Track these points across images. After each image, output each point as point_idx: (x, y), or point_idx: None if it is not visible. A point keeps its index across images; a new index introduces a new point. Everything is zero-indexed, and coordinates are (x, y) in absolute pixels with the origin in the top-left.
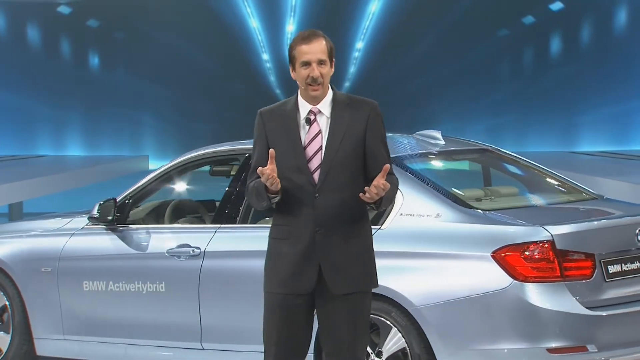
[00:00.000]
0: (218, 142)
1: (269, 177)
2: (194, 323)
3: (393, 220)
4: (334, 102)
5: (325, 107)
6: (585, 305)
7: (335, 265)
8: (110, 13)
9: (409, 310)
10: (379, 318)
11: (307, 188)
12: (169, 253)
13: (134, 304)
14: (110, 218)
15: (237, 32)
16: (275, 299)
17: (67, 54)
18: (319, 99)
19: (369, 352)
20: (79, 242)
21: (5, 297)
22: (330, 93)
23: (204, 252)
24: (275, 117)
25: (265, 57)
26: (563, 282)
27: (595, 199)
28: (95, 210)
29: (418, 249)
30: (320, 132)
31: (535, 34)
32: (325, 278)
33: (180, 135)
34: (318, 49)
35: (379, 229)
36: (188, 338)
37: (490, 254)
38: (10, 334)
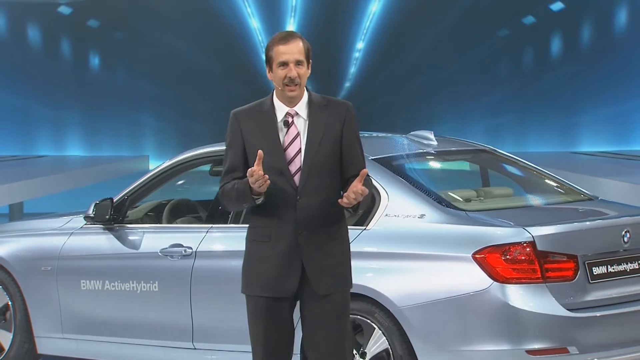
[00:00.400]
0: (218, 142)
1: (261, 177)
2: (186, 322)
3: (378, 221)
4: (310, 103)
5: (302, 109)
6: (567, 307)
7: (319, 266)
8: (111, 13)
9: (391, 311)
10: (363, 319)
11: (288, 190)
12: (162, 253)
13: (129, 304)
14: (107, 218)
15: (237, 32)
16: (259, 303)
17: (67, 55)
18: (296, 100)
19: (354, 352)
20: (77, 241)
21: (7, 295)
22: (306, 94)
23: (196, 252)
24: (251, 118)
25: None
26: (544, 283)
27: (590, 200)
28: (91, 210)
29: (401, 250)
30: (299, 134)
31: (536, 34)
32: (310, 279)
33: (181, 136)
34: (295, 50)
35: (365, 230)
36: (180, 337)
37: (471, 255)
38: (12, 333)
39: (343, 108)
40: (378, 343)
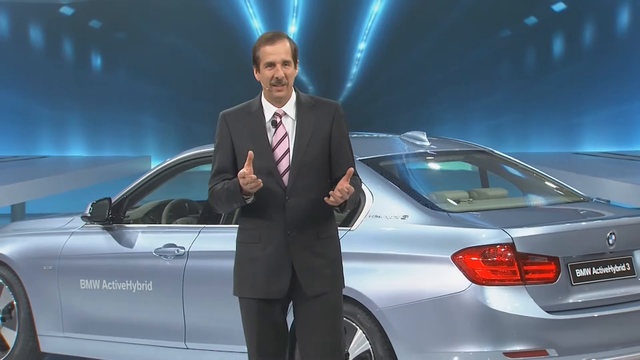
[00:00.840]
0: None
1: (252, 180)
2: (179, 322)
3: (362, 222)
4: (299, 103)
5: (290, 109)
6: (547, 309)
7: (309, 267)
8: (113, 14)
9: (373, 313)
10: (346, 320)
11: (277, 191)
12: (157, 253)
13: (125, 303)
14: (104, 217)
15: (239, 33)
16: (251, 305)
17: (69, 55)
18: (284, 101)
19: None
20: (77, 240)
21: (12, 294)
22: (294, 95)
23: (188, 252)
24: (240, 119)
25: None
26: (523, 285)
27: (583, 202)
28: (88, 210)
29: (383, 251)
30: (287, 134)
31: (537, 35)
32: (299, 279)
33: (182, 136)
34: (282, 50)
35: (349, 230)
36: (173, 337)
37: (450, 257)
38: (17, 331)
39: (332, 108)
40: (360, 344)
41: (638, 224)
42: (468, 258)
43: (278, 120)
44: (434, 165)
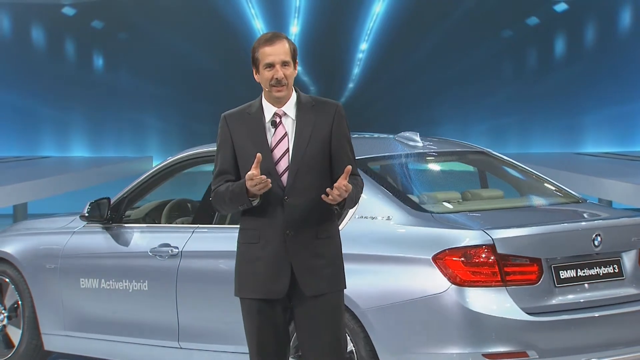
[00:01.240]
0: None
1: (262, 181)
2: (172, 322)
3: (348, 223)
4: (299, 103)
5: (290, 109)
6: (529, 311)
7: (307, 267)
8: (115, 14)
9: (356, 313)
10: None
11: (276, 191)
12: (152, 252)
13: (122, 302)
14: (102, 217)
15: (241, 33)
16: (252, 305)
17: (71, 55)
18: (284, 101)
19: None
20: (78, 240)
21: (17, 292)
22: (294, 95)
23: (181, 251)
24: (240, 120)
25: None
26: (504, 287)
27: (578, 203)
28: (86, 210)
29: (367, 252)
30: (287, 134)
31: (539, 35)
32: (298, 280)
33: (184, 136)
34: (281, 51)
35: None
36: (167, 337)
37: (431, 258)
38: (22, 329)
39: (332, 108)
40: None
41: (625, 226)
42: (449, 259)
43: (277, 121)
44: (425, 166)
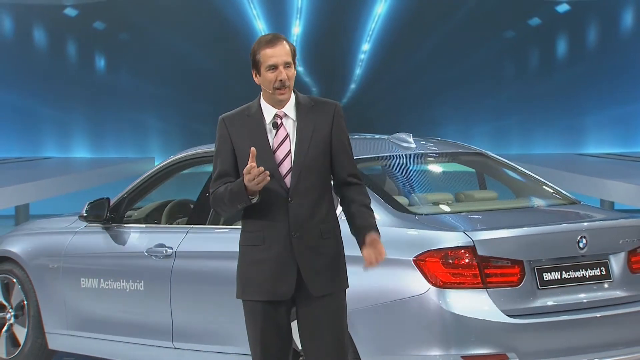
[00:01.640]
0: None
1: (260, 172)
2: (166, 322)
3: None
4: (298, 104)
5: (290, 110)
6: (510, 313)
7: (314, 267)
8: (117, 16)
9: None
10: None
11: (279, 193)
12: (148, 252)
13: (120, 302)
14: (101, 217)
15: (242, 34)
16: (256, 307)
17: (73, 56)
18: (284, 102)
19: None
20: (79, 240)
21: (22, 292)
22: (293, 96)
23: (175, 252)
24: (239, 122)
25: None
26: (484, 288)
27: (571, 204)
28: (84, 210)
29: (350, 253)
30: (288, 135)
31: (541, 36)
32: (305, 280)
33: (186, 137)
34: (283, 52)
35: None
36: (161, 337)
37: (412, 259)
38: (27, 328)
39: (331, 108)
40: None
41: (612, 228)
42: (429, 261)
43: (279, 122)
44: (417, 167)
